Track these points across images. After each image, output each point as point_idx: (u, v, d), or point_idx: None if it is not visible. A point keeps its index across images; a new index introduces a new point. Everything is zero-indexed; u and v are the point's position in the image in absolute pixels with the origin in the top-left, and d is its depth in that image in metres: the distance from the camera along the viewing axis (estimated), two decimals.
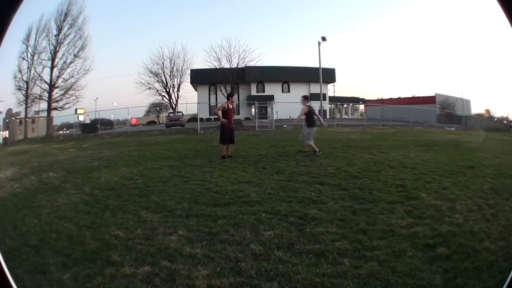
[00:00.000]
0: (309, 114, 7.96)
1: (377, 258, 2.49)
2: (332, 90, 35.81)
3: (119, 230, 3.24)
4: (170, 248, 2.78)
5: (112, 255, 2.66)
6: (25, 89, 22.71)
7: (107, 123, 26.49)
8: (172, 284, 2.23)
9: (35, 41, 22.96)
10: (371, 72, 54.54)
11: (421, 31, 53.48)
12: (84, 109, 25.83)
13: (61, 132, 26.57)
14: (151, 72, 32.20)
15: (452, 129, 20.34)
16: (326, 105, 31.99)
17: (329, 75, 31.44)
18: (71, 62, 24.62)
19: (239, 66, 28.67)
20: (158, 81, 32.44)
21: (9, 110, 22.11)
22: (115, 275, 2.36)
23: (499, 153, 8.42)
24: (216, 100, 29.77)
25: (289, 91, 32.22)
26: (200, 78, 31.40)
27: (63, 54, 24.45)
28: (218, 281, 2.23)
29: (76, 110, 25.18)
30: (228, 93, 8.85)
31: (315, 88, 28.49)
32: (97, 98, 32.34)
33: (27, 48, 22.67)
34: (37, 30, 23.03)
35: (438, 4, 49.29)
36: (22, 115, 23.04)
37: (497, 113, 30.64)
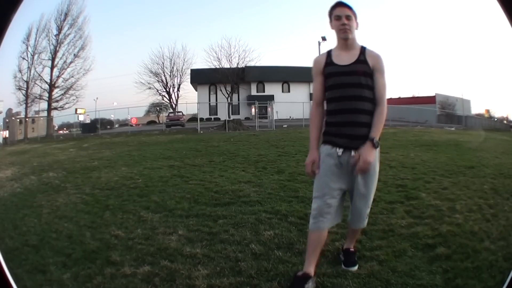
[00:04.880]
0: None
1: (377, 258, 2.49)
2: None
3: (119, 230, 3.23)
4: (170, 248, 2.77)
5: (112, 255, 2.65)
6: (25, 89, 22.77)
7: (107, 123, 26.49)
8: (172, 284, 2.22)
9: (35, 41, 23.04)
10: None
11: (421, 31, 53.48)
12: (84, 109, 25.92)
13: (61, 132, 26.57)
14: (151, 72, 32.31)
15: (452, 129, 20.33)
16: None
17: None
18: (71, 62, 24.73)
19: (239, 66, 28.67)
20: (158, 81, 32.53)
21: (9, 110, 22.15)
22: (115, 275, 2.35)
23: (499, 153, 8.41)
24: (216, 100, 29.76)
25: (289, 91, 32.22)
26: (200, 78, 31.40)
27: (63, 54, 24.55)
28: (218, 281, 2.23)
29: (76, 110, 25.27)
30: None
31: None
32: (97, 98, 32.41)
33: (27, 48, 22.74)
34: (37, 30, 23.12)
35: (438, 4, 49.28)
36: (22, 115, 23.07)
37: (497, 113, 30.68)
